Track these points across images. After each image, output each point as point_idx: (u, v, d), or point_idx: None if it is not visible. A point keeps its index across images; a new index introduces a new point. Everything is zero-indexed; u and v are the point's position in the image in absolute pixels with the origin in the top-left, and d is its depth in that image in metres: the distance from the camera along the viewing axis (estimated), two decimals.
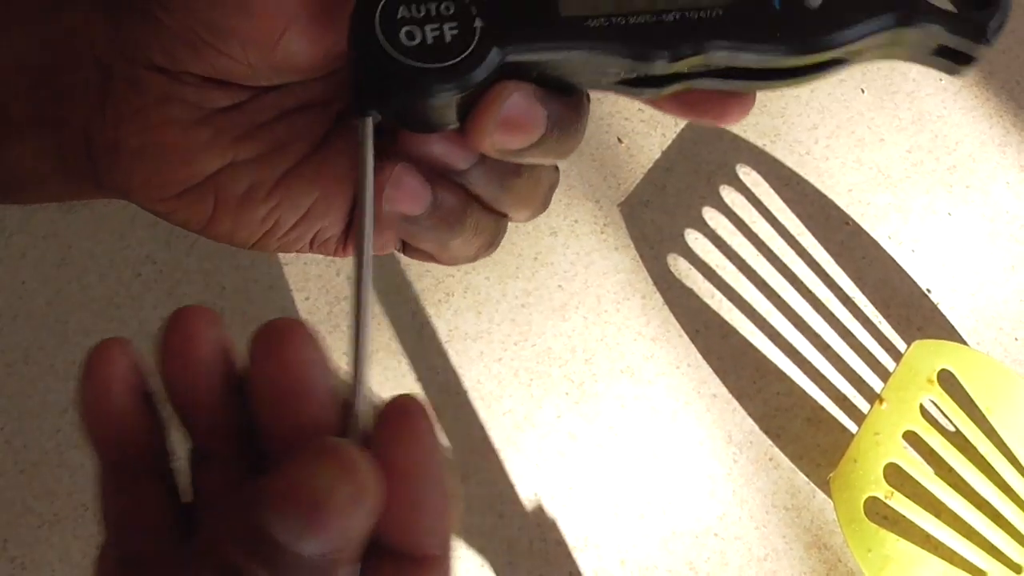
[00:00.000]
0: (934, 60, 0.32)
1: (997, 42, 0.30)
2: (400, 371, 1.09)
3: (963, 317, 1.12)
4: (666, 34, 0.30)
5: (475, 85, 0.29)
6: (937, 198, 1.19)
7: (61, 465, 1.03)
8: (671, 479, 1.05)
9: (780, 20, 0.30)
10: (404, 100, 0.29)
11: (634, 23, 0.30)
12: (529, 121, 0.29)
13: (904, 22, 0.30)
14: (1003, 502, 0.88)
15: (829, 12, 0.30)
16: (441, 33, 0.29)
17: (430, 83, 0.29)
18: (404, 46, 0.29)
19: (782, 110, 1.24)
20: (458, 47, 0.29)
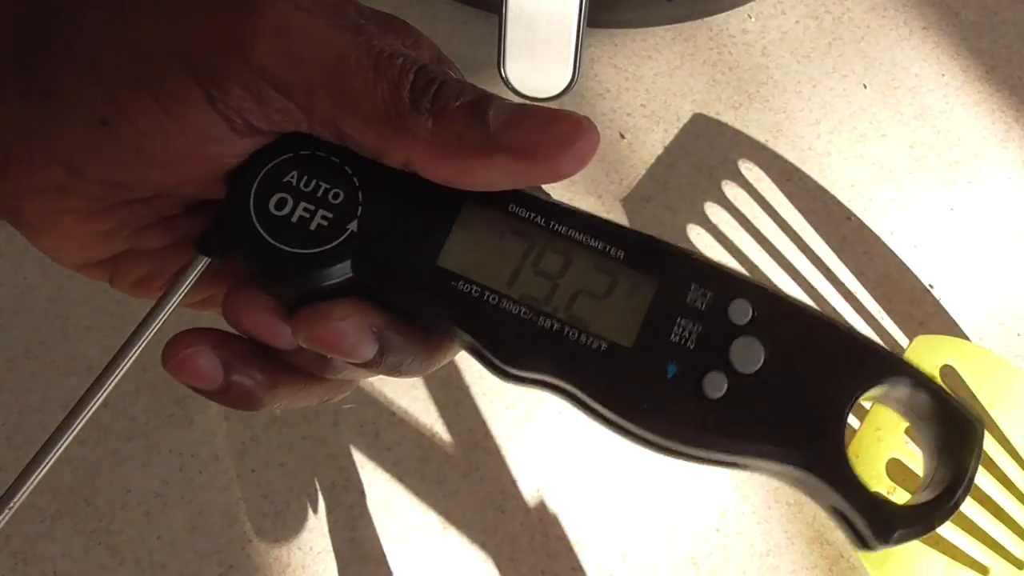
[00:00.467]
0: (834, 518, 0.27)
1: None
2: None
3: (965, 312, 1.12)
4: (530, 338, 0.26)
5: (310, 288, 0.27)
6: (939, 193, 1.19)
7: (62, 460, 1.03)
8: (673, 475, 1.05)
9: (660, 391, 0.26)
10: (242, 261, 0.27)
11: (504, 308, 0.26)
12: (349, 350, 0.27)
13: (809, 465, 0.26)
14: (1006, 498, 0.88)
15: (723, 412, 0.25)
16: (310, 217, 0.27)
17: (267, 262, 0.27)
18: (268, 212, 0.27)
19: (784, 106, 1.23)
20: (314, 240, 0.26)
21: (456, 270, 0.26)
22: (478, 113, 0.26)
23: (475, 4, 1.25)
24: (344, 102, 0.25)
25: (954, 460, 0.26)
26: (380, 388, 1.08)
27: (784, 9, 1.30)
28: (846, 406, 0.26)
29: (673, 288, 0.26)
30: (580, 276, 0.27)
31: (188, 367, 0.27)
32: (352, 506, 1.03)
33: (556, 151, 0.25)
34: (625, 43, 1.27)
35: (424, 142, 0.25)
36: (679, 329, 0.26)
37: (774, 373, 0.26)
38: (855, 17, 1.30)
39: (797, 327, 0.26)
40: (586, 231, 0.27)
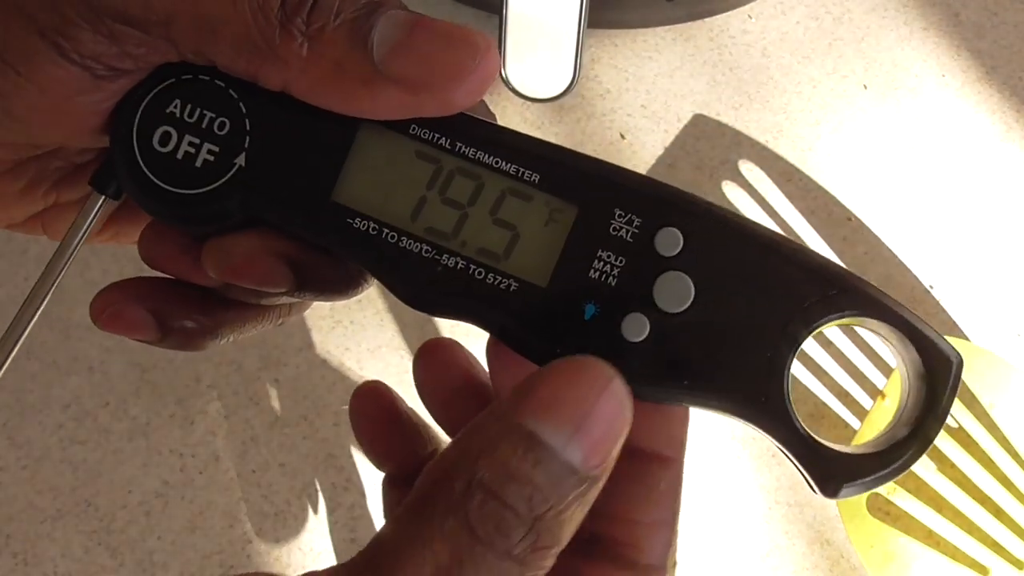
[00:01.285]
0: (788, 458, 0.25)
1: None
2: (403, 366, 1.09)
3: (965, 313, 1.12)
4: (434, 279, 0.24)
5: (203, 228, 0.25)
6: (940, 194, 1.19)
7: (63, 461, 1.03)
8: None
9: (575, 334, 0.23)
10: (135, 202, 0.25)
11: (404, 246, 0.24)
12: (262, 281, 0.25)
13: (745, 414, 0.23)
14: (1006, 498, 0.88)
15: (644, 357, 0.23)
16: (195, 152, 0.24)
17: (156, 203, 0.25)
18: (152, 150, 0.24)
19: (784, 106, 1.23)
20: (201, 179, 0.24)
21: (352, 205, 0.24)
22: (359, 36, 0.23)
23: (475, 4, 1.25)
24: (205, 29, 0.23)
25: (925, 398, 0.23)
26: None
27: (784, 10, 1.30)
28: (791, 348, 0.24)
29: (595, 215, 0.24)
30: (492, 204, 0.24)
31: (117, 323, 0.26)
32: (353, 507, 1.03)
33: (448, 83, 0.23)
34: (625, 44, 1.27)
35: (299, 70, 0.23)
36: (599, 264, 0.24)
37: (705, 312, 0.23)
38: (855, 18, 1.30)
39: (737, 257, 0.23)
40: (498, 152, 0.24)
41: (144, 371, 1.06)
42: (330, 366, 1.08)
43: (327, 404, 1.07)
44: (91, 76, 0.23)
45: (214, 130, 0.24)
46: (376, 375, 1.08)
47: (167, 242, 0.26)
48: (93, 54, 0.23)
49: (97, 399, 1.06)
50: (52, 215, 0.28)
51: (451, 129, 0.24)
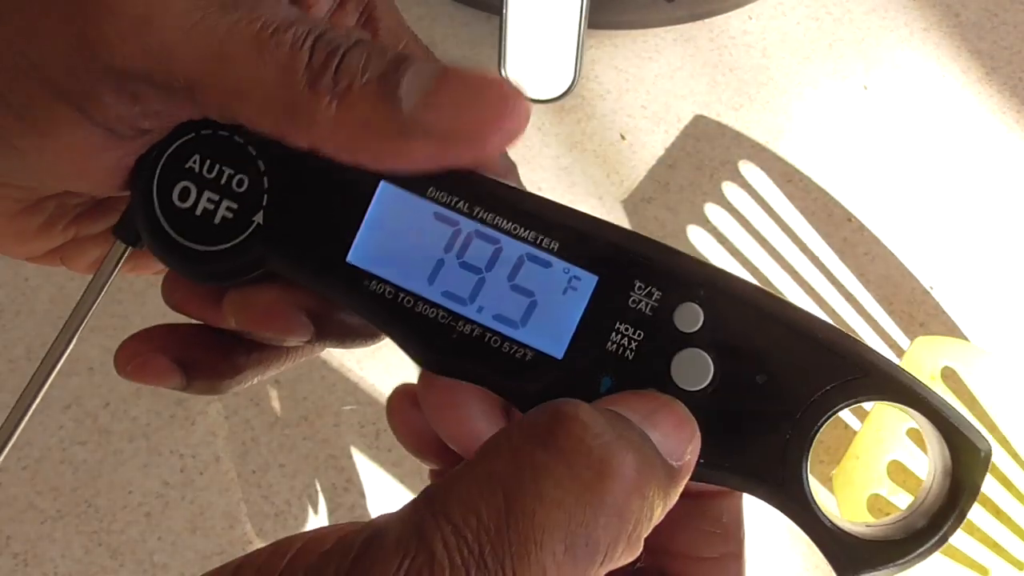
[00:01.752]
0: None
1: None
2: (403, 367, 1.08)
3: (966, 314, 1.12)
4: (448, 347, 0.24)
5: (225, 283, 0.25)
6: (940, 195, 1.19)
7: (64, 461, 1.03)
8: None
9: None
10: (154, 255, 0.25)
11: (420, 312, 0.24)
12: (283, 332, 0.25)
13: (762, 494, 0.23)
14: (1006, 498, 0.88)
15: None
16: (214, 209, 0.24)
17: (176, 260, 0.25)
18: (171, 205, 0.25)
19: (785, 107, 1.23)
20: (219, 236, 0.24)
21: (369, 268, 0.24)
22: (388, 91, 0.22)
23: (475, 5, 1.25)
24: (231, 94, 0.22)
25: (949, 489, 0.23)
26: (381, 389, 1.08)
27: (785, 11, 1.30)
28: (810, 431, 0.23)
29: (614, 286, 0.23)
30: (510, 269, 0.24)
31: (143, 375, 0.26)
32: (353, 507, 1.03)
33: (481, 132, 0.22)
34: (626, 44, 1.27)
35: (328, 130, 0.22)
36: (617, 336, 0.23)
37: (724, 391, 0.23)
38: (856, 19, 1.30)
39: (758, 335, 0.23)
40: (517, 217, 0.24)
41: None
42: (330, 367, 1.08)
43: (327, 405, 1.07)
44: (114, 137, 0.23)
45: (233, 187, 0.24)
46: (376, 376, 1.08)
47: (190, 288, 0.26)
48: (116, 116, 0.23)
49: (97, 400, 1.06)
50: (71, 249, 0.28)
51: (470, 192, 0.24)
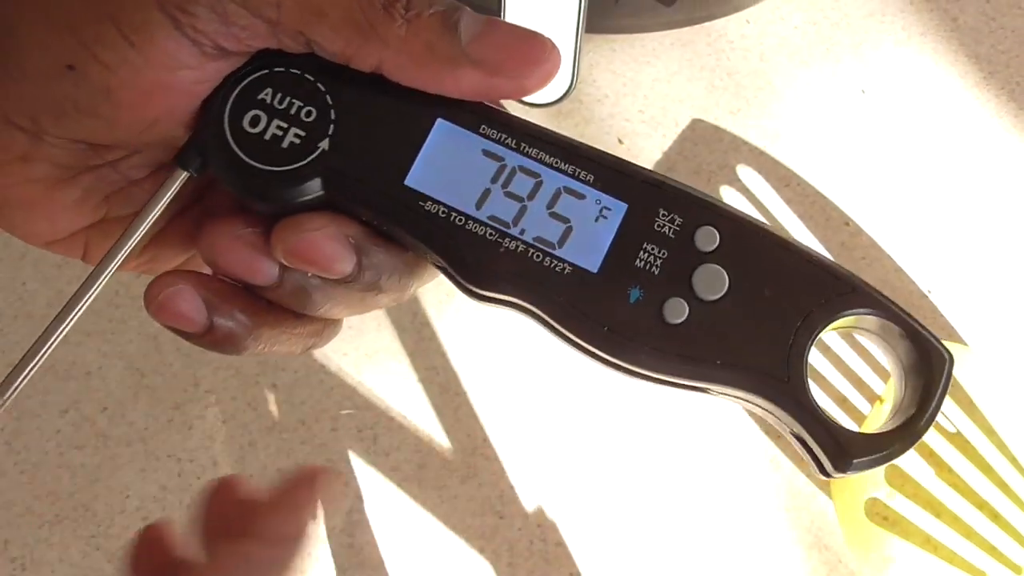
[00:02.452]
0: (797, 446, 0.28)
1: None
2: (401, 372, 1.09)
3: (963, 318, 1.12)
4: (495, 259, 0.27)
5: (282, 204, 0.27)
6: (937, 199, 1.19)
7: (61, 466, 1.03)
8: (671, 481, 1.05)
9: (621, 314, 0.26)
10: (218, 176, 0.27)
11: (470, 229, 0.27)
12: (327, 262, 0.27)
13: (768, 393, 0.26)
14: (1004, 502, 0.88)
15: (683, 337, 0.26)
16: (283, 135, 0.27)
17: (240, 177, 0.27)
18: (241, 129, 0.27)
19: (782, 111, 1.24)
20: (285, 158, 0.27)
21: (424, 190, 0.27)
22: (450, 23, 0.26)
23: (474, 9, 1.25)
24: (312, 12, 0.25)
25: (921, 392, 0.26)
26: (379, 393, 1.08)
27: (782, 15, 1.31)
28: (810, 336, 0.26)
29: (641, 213, 0.27)
30: (549, 199, 0.27)
31: (171, 307, 0.27)
32: (350, 511, 1.03)
33: (523, 69, 0.26)
34: (623, 49, 1.27)
35: (395, 49, 0.26)
36: (644, 254, 0.27)
37: (737, 301, 0.26)
38: (853, 23, 1.30)
39: (764, 256, 0.27)
40: (557, 154, 0.27)
41: (142, 376, 1.06)
42: (328, 371, 1.08)
43: (325, 409, 1.07)
44: (198, 52, 0.26)
45: (301, 117, 0.27)
46: (374, 379, 1.08)
47: (232, 237, 0.27)
48: (205, 30, 0.25)
49: (95, 404, 1.06)
50: (97, 231, 0.29)
51: (516, 131, 0.27)
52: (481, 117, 0.27)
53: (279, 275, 0.27)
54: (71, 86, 0.25)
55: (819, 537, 1.03)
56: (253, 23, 0.26)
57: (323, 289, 0.28)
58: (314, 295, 0.28)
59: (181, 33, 0.25)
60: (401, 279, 0.29)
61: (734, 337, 0.26)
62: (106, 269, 0.27)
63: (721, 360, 0.26)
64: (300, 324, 0.30)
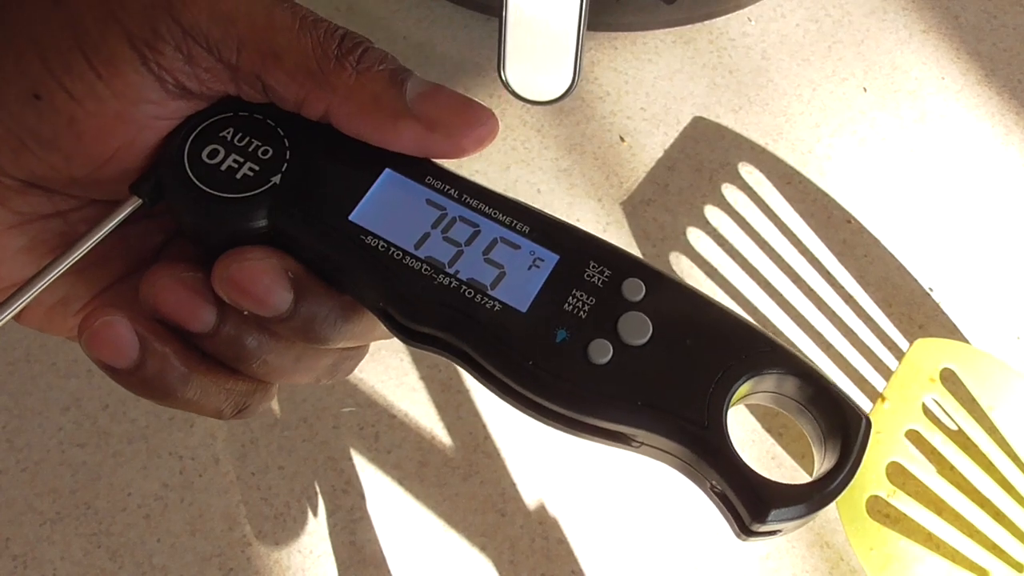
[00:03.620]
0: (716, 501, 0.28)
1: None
2: (402, 369, 1.09)
3: (965, 315, 1.12)
4: (428, 292, 0.27)
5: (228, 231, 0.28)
6: (939, 196, 1.19)
7: (63, 463, 1.03)
8: (673, 477, 1.05)
9: (547, 352, 0.27)
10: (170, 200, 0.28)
11: (407, 264, 0.28)
12: (264, 294, 0.27)
13: (686, 439, 0.27)
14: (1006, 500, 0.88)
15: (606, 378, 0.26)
16: (237, 168, 0.28)
17: (191, 201, 0.28)
18: (200, 160, 0.28)
19: (784, 109, 1.24)
20: (238, 187, 0.28)
21: (366, 226, 0.28)
22: (397, 80, 0.27)
23: (475, 7, 1.25)
24: (270, 56, 0.27)
25: (840, 451, 0.27)
26: (380, 391, 1.08)
27: (784, 12, 1.31)
28: (730, 388, 0.27)
29: (572, 264, 0.28)
30: (486, 246, 0.28)
31: (103, 337, 0.26)
32: (352, 509, 1.03)
33: (461, 128, 0.27)
34: (625, 46, 1.27)
35: (343, 97, 0.27)
36: (573, 299, 0.27)
37: (660, 348, 0.27)
38: (855, 20, 1.30)
39: (688, 309, 0.28)
40: (497, 207, 0.29)
41: None
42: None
43: (326, 407, 1.07)
44: (162, 88, 0.27)
45: (258, 154, 0.28)
46: (375, 377, 1.08)
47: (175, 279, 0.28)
48: (170, 68, 0.27)
49: (96, 402, 1.06)
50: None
51: (459, 185, 0.29)
52: (427, 170, 0.29)
53: (216, 322, 0.28)
54: (35, 117, 0.26)
55: (820, 535, 1.03)
56: (215, 66, 0.27)
57: (259, 341, 0.28)
58: (249, 347, 0.28)
59: (147, 69, 0.26)
60: (336, 324, 0.29)
61: (656, 381, 0.27)
62: (36, 284, 0.27)
63: (642, 401, 0.27)
64: (232, 380, 0.29)
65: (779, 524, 0.26)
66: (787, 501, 0.26)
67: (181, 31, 0.26)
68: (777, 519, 0.26)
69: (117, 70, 0.26)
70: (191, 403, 0.29)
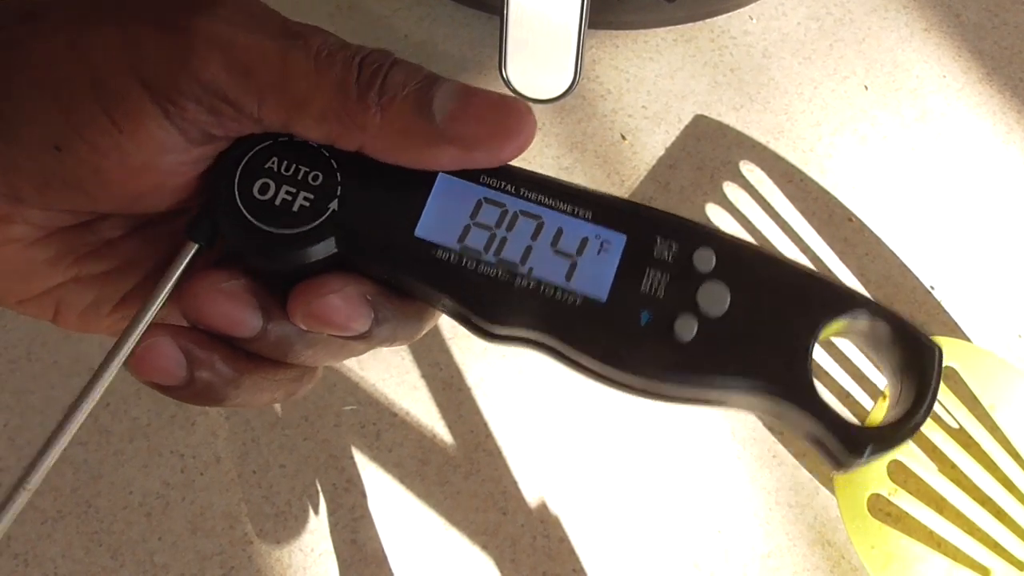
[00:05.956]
0: (811, 444, 0.29)
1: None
2: (403, 368, 1.09)
3: (967, 314, 1.12)
4: (508, 298, 0.28)
5: (297, 266, 0.28)
6: (941, 195, 1.19)
7: (64, 461, 1.03)
8: (674, 476, 1.05)
9: (635, 338, 0.27)
10: (232, 244, 0.28)
11: (481, 272, 0.28)
12: (346, 322, 0.27)
13: (780, 394, 0.27)
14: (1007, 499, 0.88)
15: (695, 352, 0.27)
16: (292, 199, 0.28)
17: (254, 244, 0.28)
18: (252, 197, 0.28)
19: (785, 107, 1.23)
20: (297, 221, 0.28)
21: (434, 240, 0.28)
22: (423, 105, 0.27)
23: (476, 6, 1.25)
24: (293, 106, 0.26)
25: (916, 382, 0.28)
26: (382, 389, 1.08)
27: (785, 11, 1.31)
28: (811, 337, 0.27)
29: (640, 242, 0.28)
30: (552, 237, 0.28)
31: (149, 361, 0.27)
32: (354, 507, 1.03)
33: (499, 143, 0.27)
34: (626, 44, 1.27)
35: (373, 136, 0.27)
36: (648, 280, 0.28)
37: (741, 313, 0.27)
38: (856, 19, 1.30)
39: (760, 270, 0.28)
40: (555, 195, 0.29)
41: None
42: (331, 367, 1.08)
43: (328, 405, 1.07)
44: (185, 139, 0.26)
45: (309, 181, 0.28)
46: (376, 376, 1.08)
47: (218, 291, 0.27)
48: (194, 120, 0.26)
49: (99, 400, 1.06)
50: (67, 291, 0.29)
51: (515, 178, 0.29)
52: (480, 168, 0.29)
53: (263, 326, 0.28)
54: (57, 164, 0.26)
55: (822, 533, 1.03)
56: (238, 116, 0.27)
57: (306, 338, 0.28)
58: (296, 345, 0.29)
59: (170, 122, 0.26)
60: (410, 330, 0.29)
61: (743, 347, 0.27)
62: (120, 351, 0.27)
63: (735, 369, 0.27)
64: (281, 371, 0.30)
65: (875, 458, 0.27)
66: (877, 439, 0.27)
67: (200, 87, 0.26)
68: (871, 455, 0.27)
69: (140, 124, 0.26)
70: (244, 402, 0.29)
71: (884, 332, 0.28)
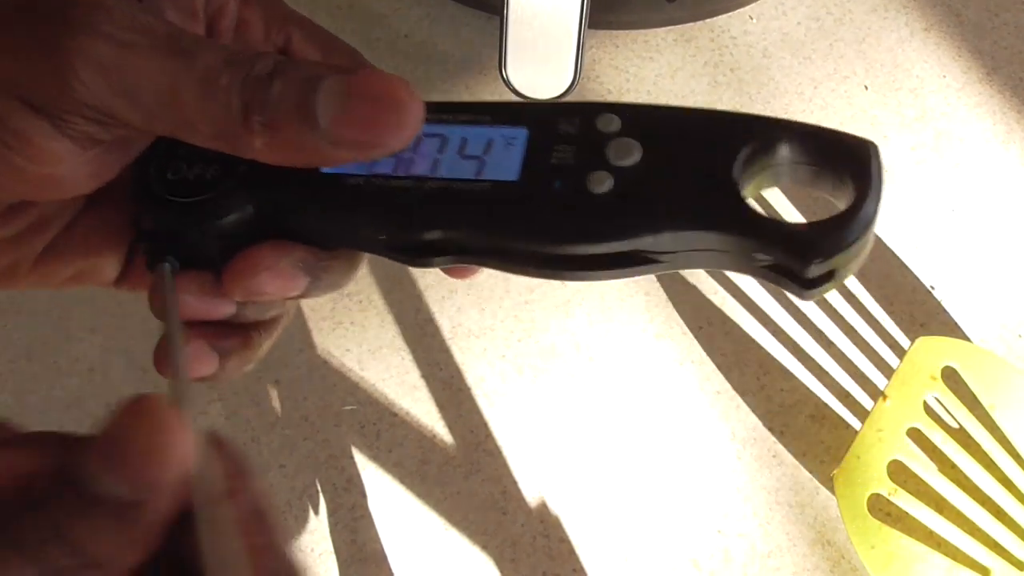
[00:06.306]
0: (769, 277, 0.28)
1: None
2: (403, 367, 1.09)
3: (967, 314, 1.12)
4: (421, 201, 0.28)
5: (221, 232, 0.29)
6: (941, 195, 1.19)
7: None
8: (674, 476, 1.05)
9: (552, 203, 0.28)
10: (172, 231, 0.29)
11: (392, 186, 0.29)
12: (284, 289, 0.29)
13: (714, 227, 0.27)
14: (1007, 498, 0.88)
15: (616, 201, 0.27)
16: (204, 171, 0.29)
17: (177, 218, 0.29)
18: (166, 180, 0.29)
19: (785, 107, 1.24)
20: (212, 185, 0.29)
21: (342, 171, 0.29)
22: (308, 115, 0.26)
23: (476, 6, 1.25)
24: (182, 126, 0.27)
25: (858, 180, 0.27)
26: (381, 389, 1.08)
27: (785, 11, 1.31)
28: (732, 166, 0.27)
29: (544, 129, 0.29)
30: (458, 147, 0.29)
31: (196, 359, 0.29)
32: (354, 507, 1.03)
33: (385, 138, 0.27)
34: (626, 44, 1.27)
35: (263, 153, 0.27)
36: (557, 153, 0.28)
37: (655, 160, 0.28)
38: (856, 18, 1.30)
39: (666, 121, 0.29)
40: (452, 112, 0.30)
41: (145, 372, 1.06)
42: (331, 367, 1.09)
43: (328, 405, 1.07)
44: (79, 148, 0.27)
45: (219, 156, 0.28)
46: (376, 376, 1.08)
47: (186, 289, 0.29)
48: (84, 131, 0.26)
49: (98, 400, 1.06)
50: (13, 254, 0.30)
51: None
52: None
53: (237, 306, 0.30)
54: None
55: (822, 533, 1.03)
56: (128, 128, 0.27)
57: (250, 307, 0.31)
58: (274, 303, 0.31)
59: (61, 133, 0.26)
60: (344, 279, 0.31)
61: (666, 187, 0.27)
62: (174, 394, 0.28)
63: (663, 209, 0.27)
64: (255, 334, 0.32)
65: (833, 260, 0.26)
66: (830, 233, 0.26)
67: (85, 106, 0.26)
68: (829, 252, 0.26)
69: (30, 140, 0.26)
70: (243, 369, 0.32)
71: (811, 147, 0.28)
